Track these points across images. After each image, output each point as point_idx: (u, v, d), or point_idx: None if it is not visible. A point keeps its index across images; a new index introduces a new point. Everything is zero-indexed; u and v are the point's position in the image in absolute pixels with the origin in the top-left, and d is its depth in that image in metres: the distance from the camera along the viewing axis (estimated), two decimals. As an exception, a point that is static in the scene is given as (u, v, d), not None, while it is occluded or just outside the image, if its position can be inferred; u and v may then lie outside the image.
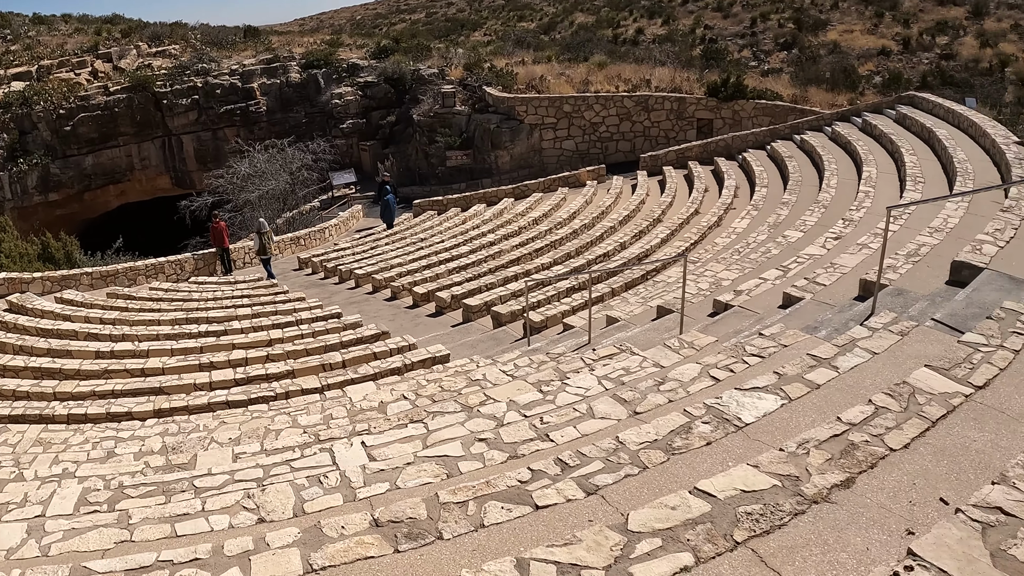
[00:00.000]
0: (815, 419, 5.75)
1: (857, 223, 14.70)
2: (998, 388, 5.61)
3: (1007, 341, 6.17)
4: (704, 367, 7.75)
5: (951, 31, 44.48)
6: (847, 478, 4.69)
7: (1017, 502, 3.73)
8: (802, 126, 26.57)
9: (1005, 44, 41.38)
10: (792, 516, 4.35)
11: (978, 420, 5.25)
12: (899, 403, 5.44)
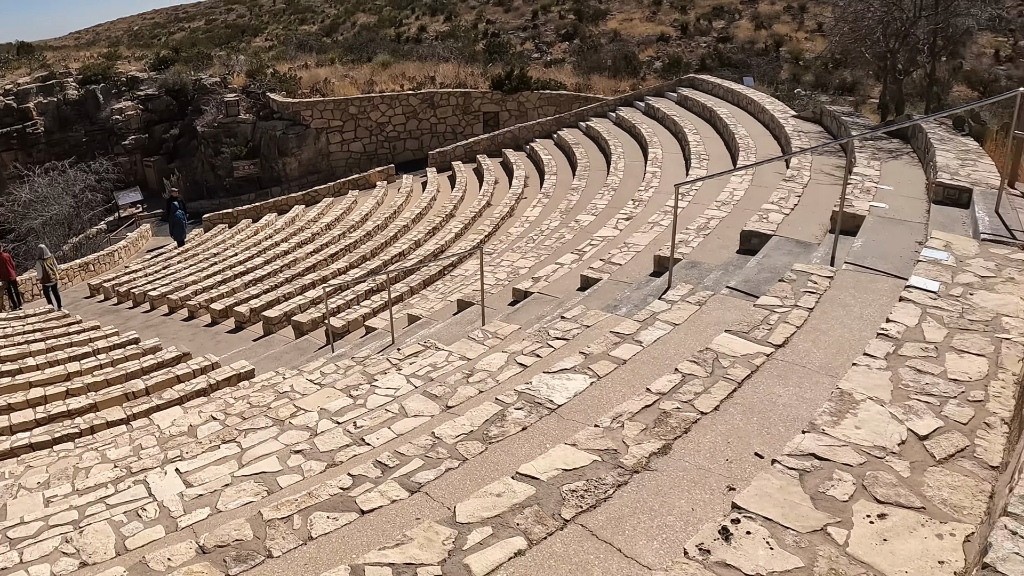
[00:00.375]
0: (626, 393, 5.91)
1: (647, 203, 15.28)
2: (797, 345, 5.93)
3: (800, 300, 6.53)
4: (511, 355, 7.84)
5: (727, 15, 47.13)
6: (664, 445, 4.83)
7: (828, 447, 3.93)
8: (587, 113, 27.38)
9: (779, 25, 44.27)
10: (616, 488, 4.44)
11: (781, 376, 5.52)
12: (704, 369, 5.65)
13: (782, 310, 6.40)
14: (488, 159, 26.63)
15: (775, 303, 6.53)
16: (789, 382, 5.43)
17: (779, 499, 3.59)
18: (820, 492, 3.63)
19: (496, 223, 19.72)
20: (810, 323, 6.21)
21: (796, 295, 6.63)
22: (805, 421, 4.50)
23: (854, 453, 3.89)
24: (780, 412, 5.09)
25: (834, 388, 4.52)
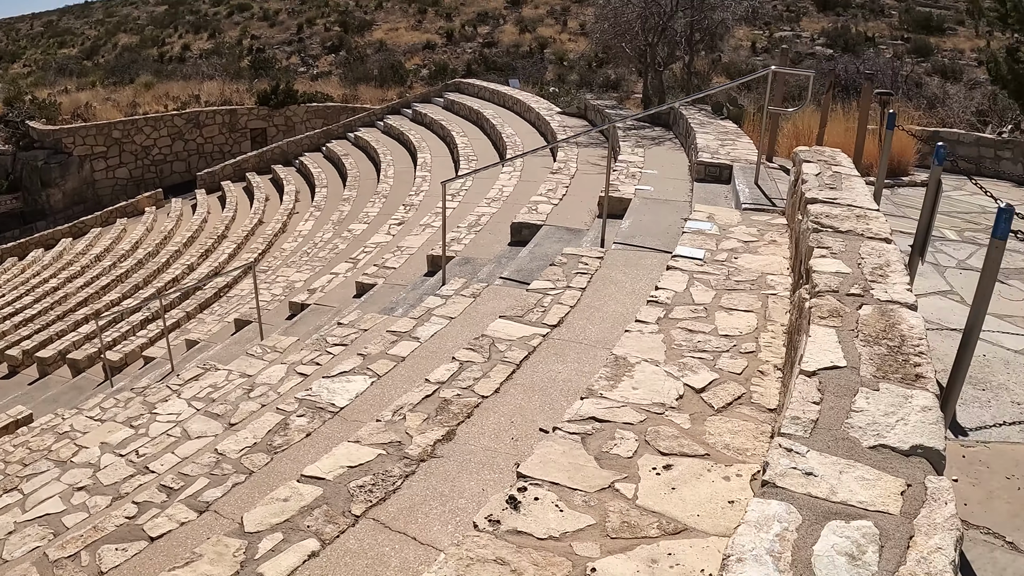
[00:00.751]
0: (406, 388, 5.96)
1: (418, 207, 15.50)
2: (572, 323, 6.16)
3: (572, 281, 6.79)
4: (290, 366, 7.79)
5: (492, 20, 48.27)
6: (448, 431, 4.92)
7: (608, 409, 4.10)
8: (355, 123, 27.29)
9: (543, 28, 45.72)
10: (404, 478, 4.48)
11: (559, 354, 5.72)
12: (482, 355, 5.78)
13: (555, 292, 6.64)
14: (258, 176, 26.09)
15: (548, 287, 6.76)
16: (567, 359, 5.64)
17: (564, 463, 3.71)
18: (604, 452, 3.77)
19: (269, 240, 19.41)
20: (583, 302, 6.47)
21: (568, 277, 6.89)
22: (586, 391, 4.69)
23: (634, 412, 4.08)
24: (561, 387, 5.27)
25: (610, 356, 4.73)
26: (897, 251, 4.93)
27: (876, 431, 2.94)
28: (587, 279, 6.83)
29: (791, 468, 2.66)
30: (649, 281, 6.66)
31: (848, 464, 2.74)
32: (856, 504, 2.55)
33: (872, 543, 2.38)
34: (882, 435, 2.92)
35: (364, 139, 24.65)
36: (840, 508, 2.52)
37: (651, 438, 3.87)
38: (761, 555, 2.29)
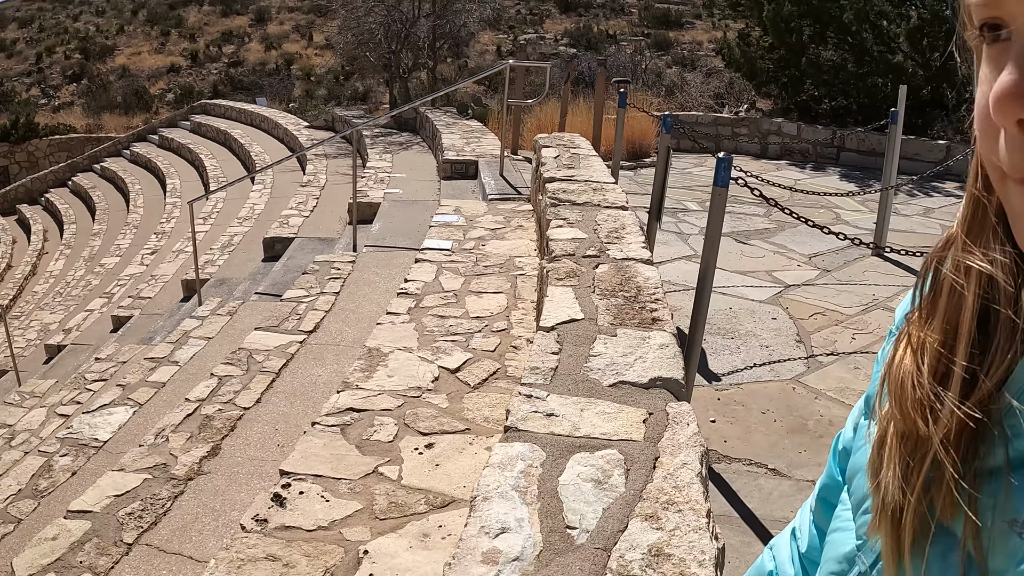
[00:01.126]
0: (169, 411, 5.82)
1: (170, 233, 15.09)
2: (328, 327, 6.19)
3: (326, 287, 6.82)
4: (51, 408, 7.48)
5: (237, 39, 47.25)
6: (213, 447, 4.84)
7: (365, 398, 4.17)
8: (101, 154, 26.09)
9: (289, 44, 45.20)
10: (173, 499, 4.38)
11: (318, 358, 5.74)
12: (240, 368, 5.72)
13: (309, 299, 6.65)
14: (2, 218, 24.49)
15: (302, 294, 6.75)
16: (326, 361, 5.67)
17: (326, 455, 3.76)
18: (365, 439, 3.84)
19: (19, 284, 18.32)
20: (338, 305, 6.51)
21: (321, 283, 6.91)
22: (342, 384, 4.75)
23: (391, 398, 4.17)
24: (322, 389, 5.30)
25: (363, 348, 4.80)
26: (633, 216, 5.26)
27: (615, 370, 3.14)
28: (340, 283, 6.87)
29: (532, 412, 2.81)
30: (402, 278, 6.78)
31: (589, 402, 2.91)
32: (600, 436, 2.72)
33: (617, 468, 2.54)
34: (621, 373, 3.12)
35: (111, 170, 23.66)
36: (584, 442, 2.68)
37: (410, 421, 3.97)
38: (507, 491, 2.41)
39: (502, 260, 5.99)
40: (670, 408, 2.90)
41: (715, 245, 4.50)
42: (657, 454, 2.64)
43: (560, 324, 3.55)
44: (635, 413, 2.87)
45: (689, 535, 2.24)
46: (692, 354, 4.41)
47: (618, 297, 3.87)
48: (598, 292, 3.93)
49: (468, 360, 4.52)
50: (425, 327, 4.93)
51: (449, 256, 6.10)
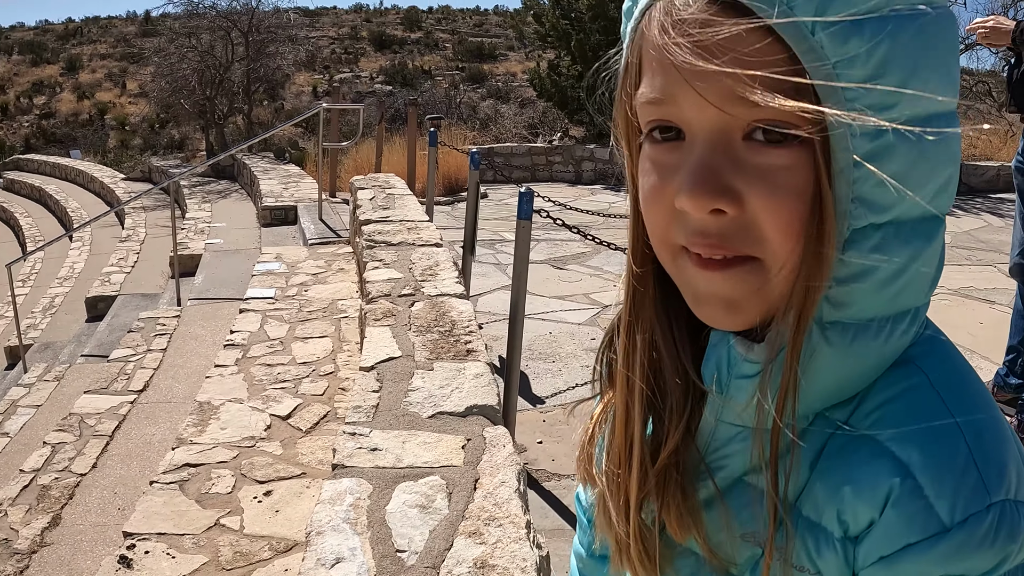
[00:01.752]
0: (3, 484, 5.69)
1: (-14, 301, 14.45)
2: (158, 385, 6.17)
3: (153, 344, 6.78)
4: None
5: (48, 90, 45.29)
6: (53, 517, 4.79)
7: (200, 452, 4.25)
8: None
9: (102, 93, 43.67)
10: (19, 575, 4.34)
11: (151, 417, 5.73)
12: (74, 433, 5.65)
13: (136, 358, 6.60)
14: None
15: (129, 353, 6.70)
16: (159, 419, 5.67)
17: (167, 513, 3.82)
18: (204, 493, 3.93)
19: None
20: (167, 362, 6.50)
21: (148, 341, 6.86)
22: (176, 441, 4.79)
23: (226, 450, 4.27)
24: (157, 448, 5.29)
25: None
26: (447, 252, 5.52)
27: (433, 402, 3.36)
28: (167, 339, 6.85)
29: (357, 448, 3.00)
30: (228, 329, 6.82)
31: (411, 434, 3.12)
32: (422, 465, 2.93)
33: (440, 492, 2.75)
34: (439, 404, 3.35)
35: (-85, 236, 22.40)
36: (408, 471, 2.88)
37: (247, 470, 4.08)
38: (338, 524, 2.59)
39: (325, 304, 6.14)
40: (487, 433, 3.14)
41: (523, 275, 4.76)
42: (477, 476, 2.86)
43: (379, 363, 3.74)
44: (454, 440, 3.09)
45: (511, 546, 2.46)
46: (512, 380, 4.65)
47: (434, 332, 4.10)
48: (414, 329, 4.15)
49: (298, 406, 4.66)
50: (254, 377, 5.03)
51: (273, 304, 6.20)
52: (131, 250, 11.90)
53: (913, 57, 0.66)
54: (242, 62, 19.04)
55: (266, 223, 10.71)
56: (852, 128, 0.65)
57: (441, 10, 69.66)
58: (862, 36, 0.64)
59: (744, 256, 0.71)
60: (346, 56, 50.56)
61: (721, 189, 0.68)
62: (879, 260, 0.69)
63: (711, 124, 0.68)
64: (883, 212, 0.69)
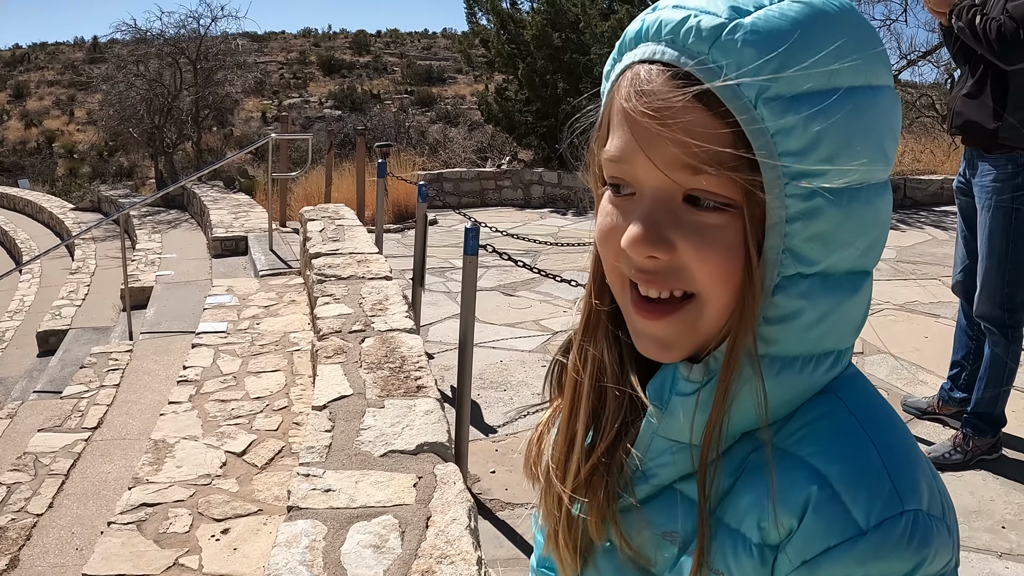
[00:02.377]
0: (-44, 529, 5.65)
1: (-67, 336, 14.19)
2: (112, 422, 6.15)
3: (106, 380, 6.75)
4: None
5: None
6: (11, 559, 4.75)
7: (157, 492, 4.27)
8: None
9: (50, 120, 43.13)
10: (-24, 618, 4.32)
11: (105, 455, 5.71)
12: (29, 472, 5.61)
13: (90, 394, 6.57)
14: None
15: (82, 390, 6.67)
16: (114, 457, 5.66)
17: (126, 554, 3.84)
18: (162, 533, 3.94)
19: None
20: (120, 398, 6.47)
21: (101, 376, 6.84)
22: (132, 480, 4.80)
23: (183, 489, 4.29)
24: (113, 486, 5.28)
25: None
26: (396, 286, 5.58)
27: (385, 441, 3.43)
28: (120, 374, 6.83)
29: (312, 490, 3.06)
30: (181, 364, 6.81)
31: (363, 474, 3.18)
32: (375, 504, 2.99)
33: (393, 531, 2.82)
34: (390, 443, 3.41)
35: None
36: (361, 511, 2.94)
37: (204, 508, 4.10)
38: (295, 567, 2.65)
39: (277, 337, 6.17)
40: (438, 470, 3.21)
41: (471, 309, 4.84)
42: (429, 514, 2.93)
43: (331, 401, 3.80)
44: (406, 479, 3.16)
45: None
46: (463, 412, 4.72)
47: (384, 369, 4.17)
48: (365, 366, 4.21)
49: (253, 442, 4.69)
50: (208, 413, 5.06)
51: (225, 338, 6.22)
52: (81, 282, 11.80)
53: (847, 131, 0.74)
54: (191, 89, 18.94)
55: (217, 254, 10.69)
56: (786, 189, 0.74)
57: (389, 34, 69.76)
58: (799, 110, 0.72)
59: (680, 296, 0.80)
60: (295, 81, 50.44)
61: (657, 240, 0.77)
62: (804, 305, 0.77)
63: (657, 184, 0.78)
64: (811, 264, 0.77)
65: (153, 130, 19.03)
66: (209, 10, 20.38)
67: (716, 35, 0.73)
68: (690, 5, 0.76)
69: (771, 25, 0.73)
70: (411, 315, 5.06)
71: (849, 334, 0.83)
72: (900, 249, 10.02)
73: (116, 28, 19.68)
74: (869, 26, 0.78)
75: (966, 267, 4.71)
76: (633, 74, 0.79)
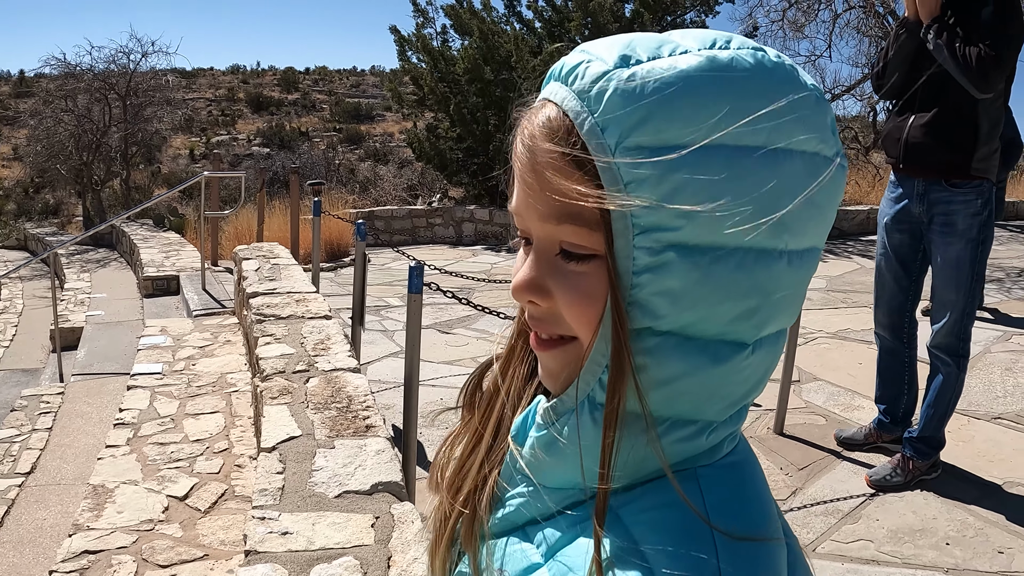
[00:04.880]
0: None
1: None
2: (47, 466, 5.96)
3: (38, 423, 6.55)
4: None
5: None
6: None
7: (99, 538, 4.14)
8: None
9: None
10: None
11: (40, 500, 5.53)
12: (-41, 520, 5.44)
13: (22, 438, 6.36)
14: None
15: (13, 434, 6.46)
16: (50, 503, 5.48)
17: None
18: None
19: None
20: (53, 441, 6.28)
21: (32, 420, 6.63)
22: (72, 527, 4.65)
23: (125, 535, 4.17)
24: (50, 533, 5.11)
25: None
26: (338, 324, 5.52)
27: (339, 481, 3.38)
28: (52, 417, 6.63)
29: (268, 533, 2.99)
30: (116, 406, 6.64)
31: (320, 515, 3.13)
32: (334, 546, 2.94)
33: (355, 573, 2.76)
34: (344, 483, 3.36)
35: None
36: (321, 553, 2.88)
37: (148, 555, 3.99)
38: (256, 613, 2.60)
39: (215, 378, 6.06)
40: (394, 509, 3.17)
41: (416, 347, 4.81)
42: (390, 554, 2.89)
43: (280, 443, 3.73)
44: (363, 519, 3.11)
45: (427, 620, 2.50)
46: (409, 451, 4.67)
47: (331, 409, 4.12)
48: (312, 406, 4.15)
49: (195, 485, 4.59)
50: (147, 456, 4.93)
51: (161, 380, 6.09)
52: (9, 323, 11.49)
53: (716, 191, 0.68)
54: (119, 125, 18.70)
55: (148, 293, 10.49)
56: (636, 241, 0.70)
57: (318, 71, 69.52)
58: (657, 164, 0.68)
59: (565, 336, 0.79)
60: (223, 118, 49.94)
61: (536, 288, 0.78)
62: (647, 362, 0.72)
63: (540, 235, 0.78)
64: (659, 320, 0.72)
65: (81, 167, 18.73)
66: (140, 45, 19.99)
67: (596, 82, 0.71)
68: (591, 50, 0.75)
69: (653, 76, 0.70)
70: (353, 354, 5.01)
71: (709, 405, 0.76)
72: (830, 279, 10.27)
73: (45, 62, 19.48)
74: (794, 86, 0.73)
75: (896, 304, 4.79)
76: (521, 128, 0.78)
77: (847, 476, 4.76)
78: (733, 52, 0.73)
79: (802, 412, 5.69)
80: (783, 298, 0.75)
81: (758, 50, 0.74)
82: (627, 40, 0.74)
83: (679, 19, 14.87)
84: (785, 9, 17.08)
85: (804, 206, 0.72)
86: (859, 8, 16.63)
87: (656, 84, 0.69)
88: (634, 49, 0.73)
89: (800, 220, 0.73)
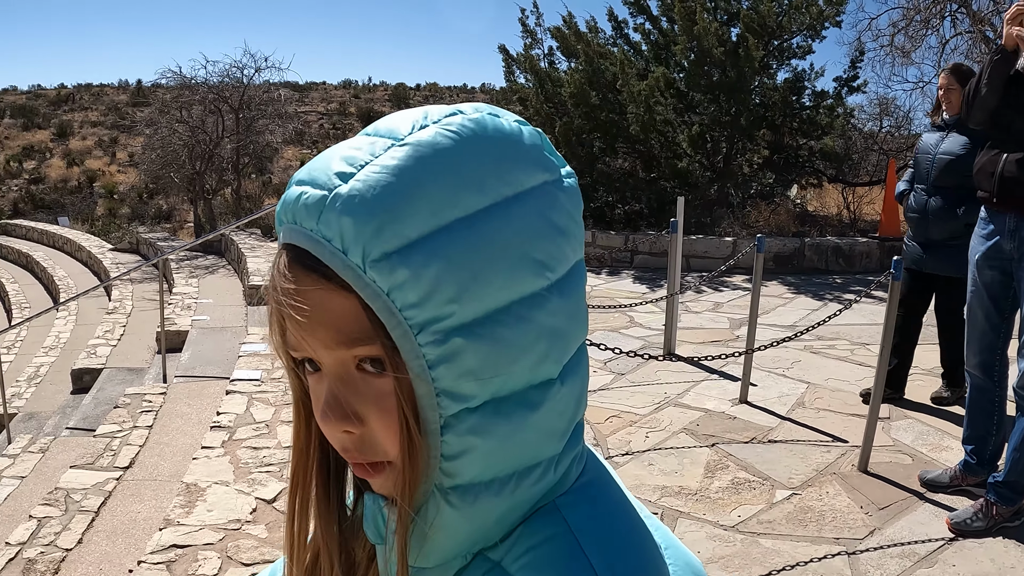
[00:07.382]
0: None
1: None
2: (144, 462, 6.27)
3: (139, 421, 6.89)
4: None
5: (38, 155, 45.25)
6: (36, 592, 4.87)
7: (187, 534, 4.37)
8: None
9: (92, 161, 43.57)
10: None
11: (136, 494, 5.82)
12: (59, 508, 5.73)
13: (123, 434, 6.70)
14: None
15: (115, 429, 6.81)
16: (145, 498, 5.76)
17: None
18: (190, 574, 4.05)
19: None
20: (152, 439, 6.60)
21: (134, 417, 6.97)
22: (163, 522, 4.90)
23: (212, 532, 4.39)
24: (142, 526, 5.39)
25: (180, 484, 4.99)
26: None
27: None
28: (153, 416, 6.96)
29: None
30: (214, 409, 6.94)
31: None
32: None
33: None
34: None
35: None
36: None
37: (233, 553, 4.20)
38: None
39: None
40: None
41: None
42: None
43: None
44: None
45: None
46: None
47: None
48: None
49: (284, 490, 4.79)
50: (240, 459, 5.17)
51: (259, 386, 6.35)
52: (117, 323, 12.01)
53: (470, 264, 0.69)
54: (232, 137, 19.32)
55: (252, 301, 10.87)
56: (418, 339, 0.69)
57: (429, 87, 70.59)
58: (409, 263, 0.68)
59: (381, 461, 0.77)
60: (334, 132, 51.01)
61: (346, 415, 0.74)
62: (475, 441, 0.72)
63: (331, 361, 0.74)
64: (471, 399, 0.71)
65: (193, 175, 19.40)
66: (253, 60, 20.69)
67: (319, 210, 0.70)
68: (305, 179, 0.74)
69: (370, 183, 0.69)
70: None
71: (545, 444, 0.77)
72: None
73: (161, 74, 20.20)
74: (500, 134, 0.75)
75: (987, 342, 4.72)
76: (275, 269, 0.76)
77: (928, 518, 4.69)
78: (437, 128, 0.73)
79: (888, 450, 5.61)
80: (567, 324, 0.76)
81: (453, 114, 0.76)
82: (340, 153, 0.74)
83: (785, 43, 14.69)
84: (893, 35, 16.61)
85: (550, 236, 0.74)
86: (967, 34, 16.07)
87: (378, 190, 0.69)
88: (346, 161, 0.72)
89: (552, 250, 0.74)
